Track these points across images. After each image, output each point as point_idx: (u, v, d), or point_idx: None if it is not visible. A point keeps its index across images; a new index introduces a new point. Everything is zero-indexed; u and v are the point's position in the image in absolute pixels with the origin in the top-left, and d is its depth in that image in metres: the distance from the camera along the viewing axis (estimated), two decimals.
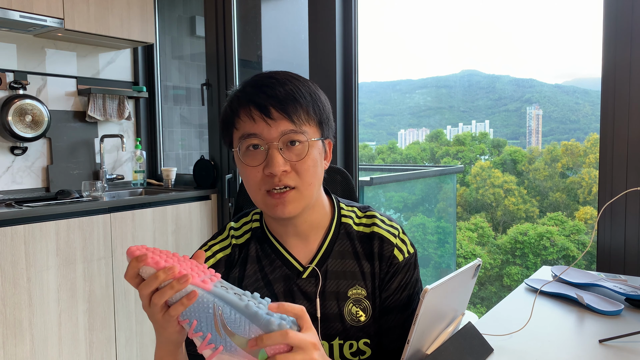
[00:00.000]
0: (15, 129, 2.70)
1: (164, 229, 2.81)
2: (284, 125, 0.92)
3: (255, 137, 0.92)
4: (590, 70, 4.92)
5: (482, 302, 4.42)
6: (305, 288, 0.99)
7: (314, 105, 0.95)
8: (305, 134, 0.93)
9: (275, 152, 0.91)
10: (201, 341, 0.71)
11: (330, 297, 1.00)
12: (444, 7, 4.83)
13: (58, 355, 2.36)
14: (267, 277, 1.00)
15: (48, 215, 2.34)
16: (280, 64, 3.19)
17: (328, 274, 1.00)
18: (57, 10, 2.62)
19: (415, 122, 5.15)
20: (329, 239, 1.02)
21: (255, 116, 0.92)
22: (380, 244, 1.02)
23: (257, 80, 0.95)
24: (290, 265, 1.00)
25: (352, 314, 1.00)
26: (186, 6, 3.49)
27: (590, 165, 4.29)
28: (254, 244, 1.03)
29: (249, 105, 0.92)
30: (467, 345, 0.96)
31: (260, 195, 0.94)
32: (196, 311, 0.71)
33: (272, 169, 0.90)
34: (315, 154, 0.95)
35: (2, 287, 2.17)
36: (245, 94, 0.94)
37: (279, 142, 0.92)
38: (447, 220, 4.27)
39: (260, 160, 0.93)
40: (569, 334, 1.11)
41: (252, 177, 0.94)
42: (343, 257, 1.02)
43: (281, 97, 0.92)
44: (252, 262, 1.01)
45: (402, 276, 1.03)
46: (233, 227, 1.06)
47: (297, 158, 0.93)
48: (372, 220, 1.05)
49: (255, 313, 0.68)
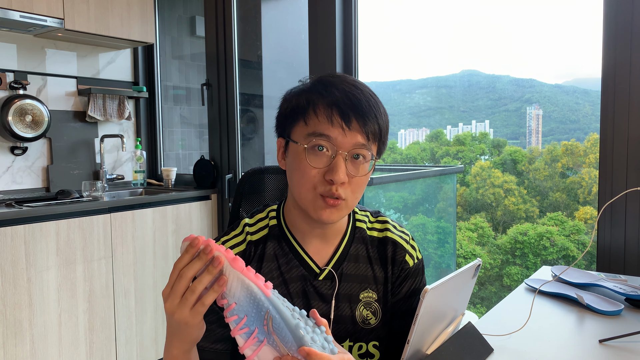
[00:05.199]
0: (15, 129, 2.70)
1: (164, 229, 2.81)
2: (358, 138, 0.92)
3: (327, 140, 0.92)
4: (590, 70, 4.92)
5: (482, 302, 4.42)
6: (321, 289, 1.00)
7: (386, 125, 0.98)
8: (371, 152, 0.95)
9: (341, 161, 0.92)
10: (246, 338, 0.73)
11: (343, 300, 1.01)
12: (444, 7, 4.83)
13: (58, 355, 2.36)
14: (283, 276, 1.01)
15: (48, 215, 2.34)
16: (280, 64, 3.19)
17: (343, 277, 1.02)
18: (57, 10, 2.62)
19: (415, 122, 5.15)
20: (345, 242, 1.04)
21: (335, 120, 0.92)
22: (393, 249, 1.05)
23: (340, 84, 0.95)
24: (307, 266, 1.01)
25: (363, 316, 1.02)
26: (186, 6, 3.49)
27: (590, 165, 4.29)
28: (272, 242, 1.02)
29: (331, 107, 0.92)
30: (467, 345, 0.96)
31: (312, 195, 0.94)
32: (250, 308, 0.73)
33: (336, 177, 0.91)
34: (369, 172, 0.97)
35: (2, 287, 2.17)
36: (329, 93, 0.93)
37: (348, 153, 0.92)
38: (447, 220, 4.27)
39: (324, 163, 0.92)
40: (569, 334, 1.11)
41: (309, 176, 0.93)
42: (357, 261, 1.03)
43: (365, 110, 0.92)
44: (269, 260, 1.01)
45: (412, 281, 1.05)
46: (248, 224, 1.05)
47: (357, 173, 0.94)
48: (384, 225, 1.07)
49: (302, 337, 0.71)
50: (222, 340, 0.98)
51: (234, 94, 2.97)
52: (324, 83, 0.96)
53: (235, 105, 2.97)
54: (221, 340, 0.98)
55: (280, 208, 1.06)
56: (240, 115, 3.02)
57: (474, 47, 4.86)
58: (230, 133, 3.00)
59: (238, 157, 3.00)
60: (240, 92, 3.01)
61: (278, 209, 1.06)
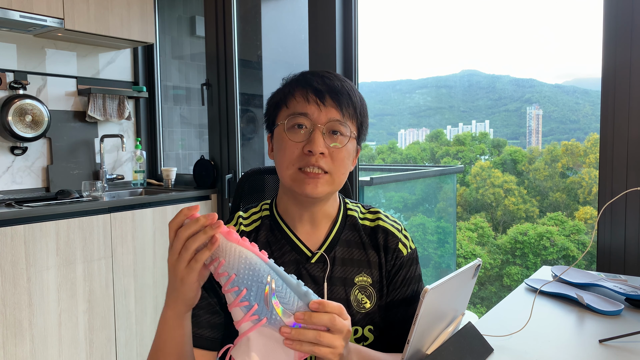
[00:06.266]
0: (15, 129, 2.70)
1: (164, 229, 2.81)
2: (333, 114, 0.99)
3: (304, 117, 0.99)
4: (590, 70, 4.93)
5: (482, 302, 4.42)
6: (313, 272, 1.03)
7: (361, 108, 1.04)
8: (348, 128, 1.00)
9: (318, 134, 0.98)
10: (245, 312, 0.74)
11: (337, 283, 1.03)
12: (444, 7, 4.83)
13: (58, 355, 2.36)
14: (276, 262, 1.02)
15: (48, 215, 2.34)
16: (280, 64, 3.19)
17: (336, 260, 1.04)
18: (57, 10, 2.62)
19: (415, 122, 5.15)
20: (337, 227, 1.07)
21: (310, 98, 0.99)
22: (385, 236, 1.08)
23: (316, 72, 1.04)
24: (299, 251, 1.04)
25: (358, 300, 1.04)
26: (186, 6, 3.49)
27: (590, 165, 4.29)
28: (264, 231, 1.06)
29: (306, 87, 1.00)
30: (467, 345, 0.96)
31: (292, 170, 0.99)
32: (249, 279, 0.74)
33: (313, 147, 0.97)
34: (350, 150, 1.02)
35: (2, 287, 2.17)
36: (305, 78, 1.02)
37: (325, 126, 0.99)
38: (447, 220, 4.27)
39: (302, 138, 0.99)
40: (569, 334, 1.11)
41: (289, 152, 0.99)
42: (350, 246, 1.07)
43: (337, 89, 1.00)
44: (262, 247, 1.04)
45: (407, 270, 1.08)
46: (242, 216, 1.09)
47: (335, 146, 0.99)
48: (376, 215, 1.12)
49: (306, 292, 0.75)
50: (209, 327, 0.99)
51: (234, 94, 2.97)
52: (302, 74, 1.05)
53: (235, 105, 2.97)
54: (208, 327, 0.99)
55: (274, 200, 1.11)
56: (240, 115, 3.02)
57: (474, 47, 4.86)
58: (230, 133, 3.00)
59: (238, 157, 3.00)
60: (240, 92, 3.01)
61: (271, 202, 1.11)
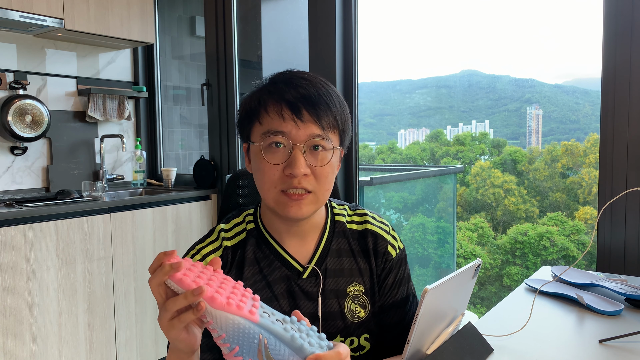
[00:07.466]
0: (15, 129, 2.70)
1: (164, 229, 2.81)
2: (313, 129, 0.91)
3: (281, 136, 0.91)
4: (590, 70, 4.93)
5: (482, 302, 4.42)
6: (306, 288, 0.99)
7: (342, 113, 0.96)
8: (330, 141, 0.94)
9: (299, 154, 0.91)
10: None
11: (330, 296, 1.00)
12: (443, 7, 4.83)
13: (58, 355, 2.36)
14: (266, 279, 0.99)
15: (48, 215, 2.34)
16: (280, 64, 3.19)
17: (327, 273, 1.01)
18: (57, 10, 2.62)
19: (415, 122, 5.15)
20: (326, 237, 1.03)
21: (286, 115, 0.91)
22: (374, 240, 1.04)
23: (289, 78, 0.94)
24: (290, 266, 1.00)
25: (352, 310, 1.01)
26: (186, 6, 3.49)
27: (590, 165, 4.29)
28: (251, 246, 1.01)
29: (280, 102, 0.91)
30: (467, 345, 0.96)
31: (274, 193, 0.93)
32: (241, 339, 0.72)
33: (295, 170, 0.90)
34: (335, 162, 0.96)
35: (2, 287, 2.17)
36: (277, 89, 0.93)
37: (304, 144, 0.91)
38: (447, 220, 4.27)
39: (282, 159, 0.92)
40: (569, 334, 1.11)
41: (269, 174, 0.92)
42: (340, 255, 1.03)
43: (314, 99, 0.91)
44: (250, 265, 1.00)
45: (396, 272, 1.05)
46: (223, 229, 1.03)
47: (318, 164, 0.93)
48: (363, 217, 1.07)
49: (301, 346, 0.71)
50: (205, 351, 0.96)
51: (234, 94, 2.97)
52: (273, 80, 0.96)
53: (235, 105, 2.97)
54: (205, 351, 0.96)
55: (257, 211, 1.05)
56: None
57: (474, 47, 4.86)
58: (230, 133, 3.00)
59: (238, 157, 3.00)
60: (240, 92, 3.01)
61: (255, 212, 1.05)
